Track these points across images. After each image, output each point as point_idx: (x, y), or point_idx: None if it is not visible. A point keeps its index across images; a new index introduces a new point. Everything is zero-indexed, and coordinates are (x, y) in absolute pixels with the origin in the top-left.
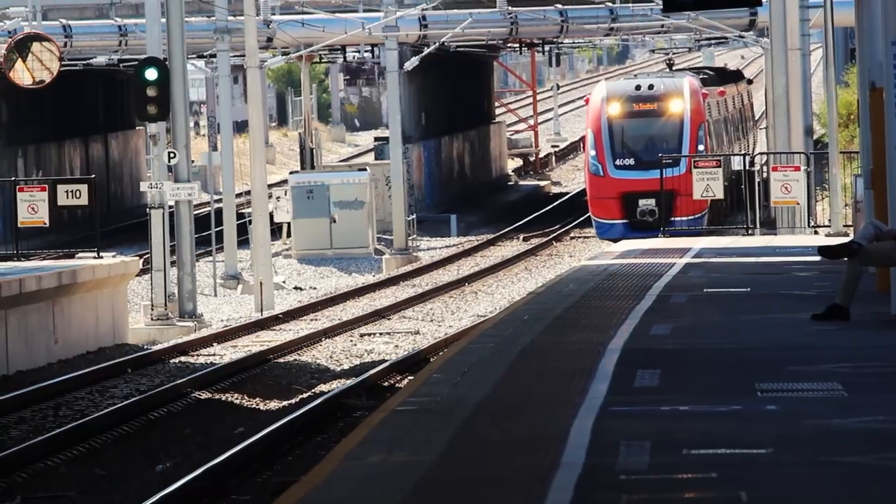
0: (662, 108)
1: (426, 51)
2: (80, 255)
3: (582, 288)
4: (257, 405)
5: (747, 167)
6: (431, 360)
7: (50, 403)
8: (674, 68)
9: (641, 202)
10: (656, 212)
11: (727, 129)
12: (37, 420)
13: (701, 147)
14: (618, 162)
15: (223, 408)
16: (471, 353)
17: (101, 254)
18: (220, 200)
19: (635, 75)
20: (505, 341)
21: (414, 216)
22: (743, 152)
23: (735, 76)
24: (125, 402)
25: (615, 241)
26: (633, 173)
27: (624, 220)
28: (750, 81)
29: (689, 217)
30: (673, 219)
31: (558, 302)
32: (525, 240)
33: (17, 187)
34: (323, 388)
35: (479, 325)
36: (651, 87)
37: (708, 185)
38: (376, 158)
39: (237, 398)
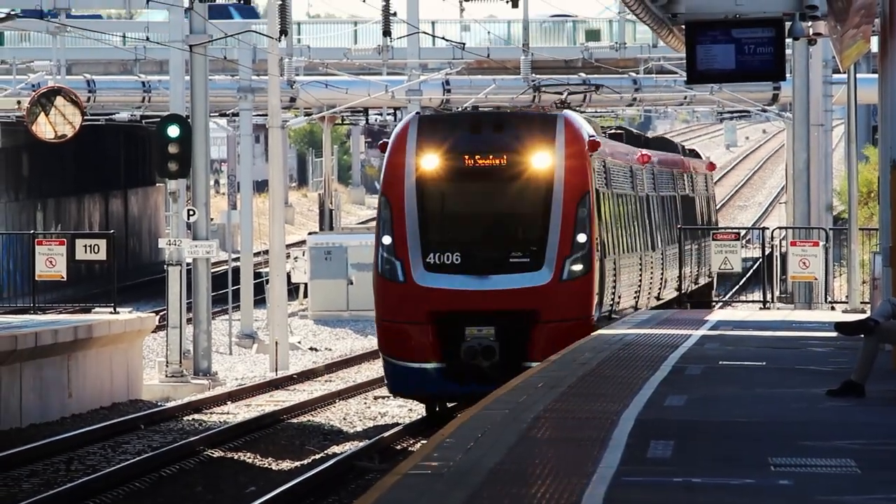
0: (516, 165)
1: None
2: (97, 309)
3: (597, 357)
4: (269, 465)
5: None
6: (445, 424)
7: (62, 458)
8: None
9: (471, 332)
10: (495, 350)
11: (647, 220)
12: (48, 474)
13: (582, 237)
14: (431, 259)
15: (235, 466)
16: (484, 418)
17: (118, 309)
18: (237, 259)
19: (475, 107)
20: (518, 408)
21: None
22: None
23: (687, 152)
24: (138, 458)
25: (423, 399)
26: (457, 280)
27: (438, 364)
28: (712, 166)
29: None
30: (527, 363)
31: (573, 370)
32: None
33: (36, 240)
34: (335, 449)
35: (493, 391)
36: (499, 127)
37: (726, 257)
38: None
39: (249, 457)
